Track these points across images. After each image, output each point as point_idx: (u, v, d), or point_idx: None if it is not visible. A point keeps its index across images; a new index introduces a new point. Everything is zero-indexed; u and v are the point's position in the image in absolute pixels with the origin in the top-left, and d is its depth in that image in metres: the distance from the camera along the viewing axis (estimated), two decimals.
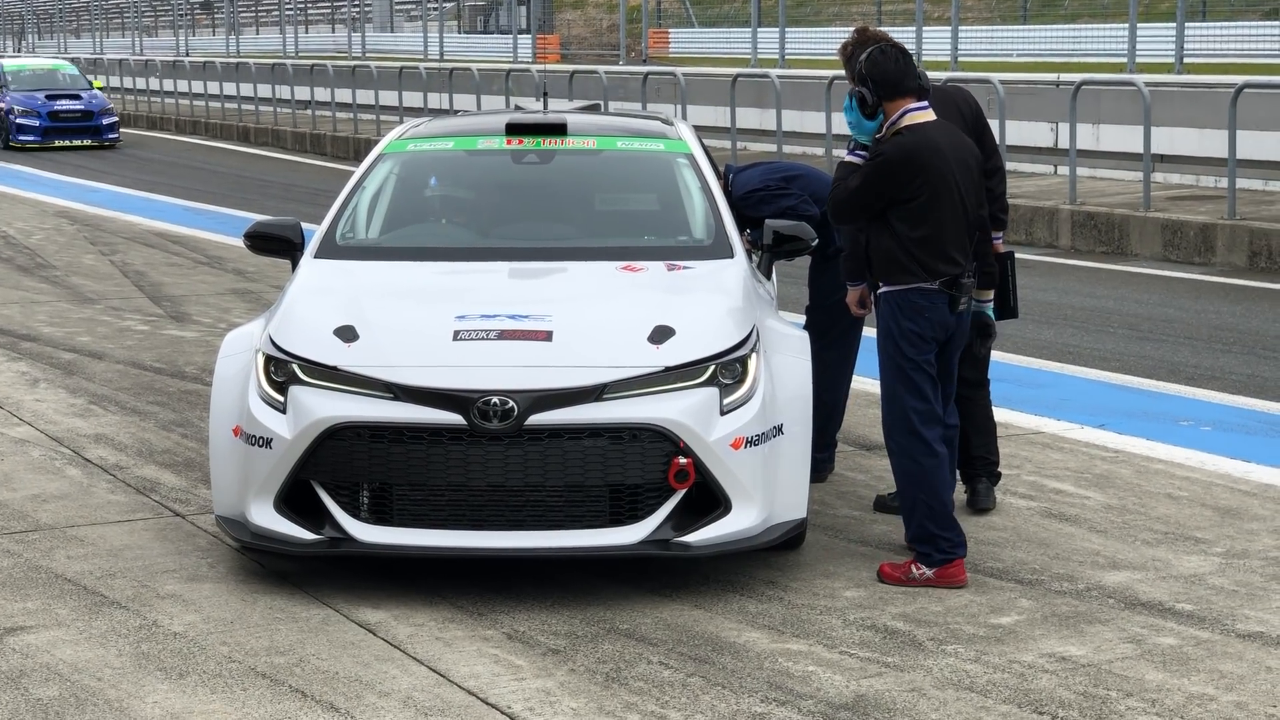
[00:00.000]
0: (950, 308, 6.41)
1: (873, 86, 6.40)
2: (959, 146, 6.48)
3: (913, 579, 6.40)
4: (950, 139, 6.47)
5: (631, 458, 6.16)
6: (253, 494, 6.36)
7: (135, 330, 12.05)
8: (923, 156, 6.34)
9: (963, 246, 6.44)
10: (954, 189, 6.38)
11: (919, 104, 6.43)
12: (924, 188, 6.33)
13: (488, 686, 5.43)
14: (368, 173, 7.78)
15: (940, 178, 6.35)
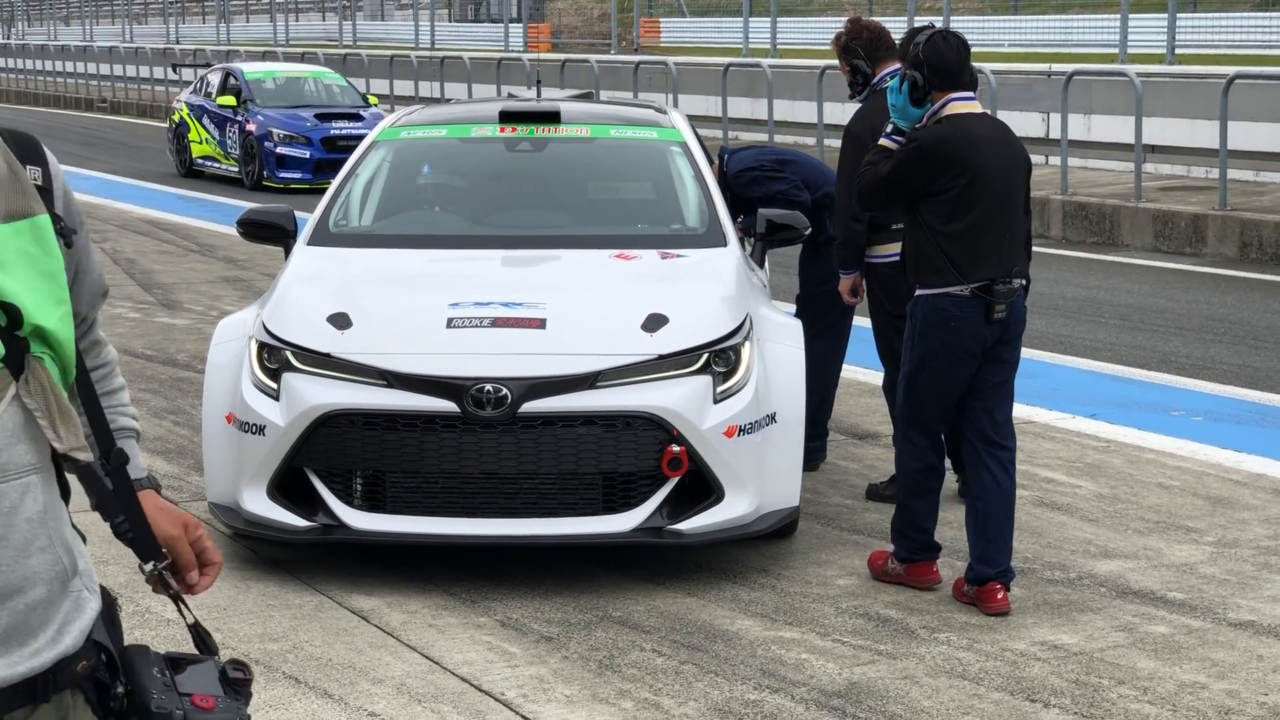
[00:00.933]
0: (985, 316, 5.97)
1: (928, 72, 6.03)
2: (1005, 145, 6.10)
3: (885, 573, 6.29)
4: (995, 135, 6.11)
5: (625, 445, 6.17)
6: (246, 481, 6.36)
7: (126, 318, 12.04)
8: (958, 148, 6.00)
9: (1001, 249, 6.00)
10: (993, 187, 6.01)
11: (965, 94, 6.09)
12: (956, 180, 5.99)
13: (481, 673, 5.44)
14: (361, 160, 7.77)
15: (976, 172, 5.99)
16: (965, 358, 6.02)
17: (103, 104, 40.03)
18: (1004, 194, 6.06)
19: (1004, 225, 6.06)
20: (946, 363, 6.03)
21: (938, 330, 6.02)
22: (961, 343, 6.00)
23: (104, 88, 41.59)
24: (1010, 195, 6.08)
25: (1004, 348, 6.07)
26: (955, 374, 6.05)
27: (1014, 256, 6.06)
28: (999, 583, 6.03)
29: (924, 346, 6.06)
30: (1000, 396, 6.12)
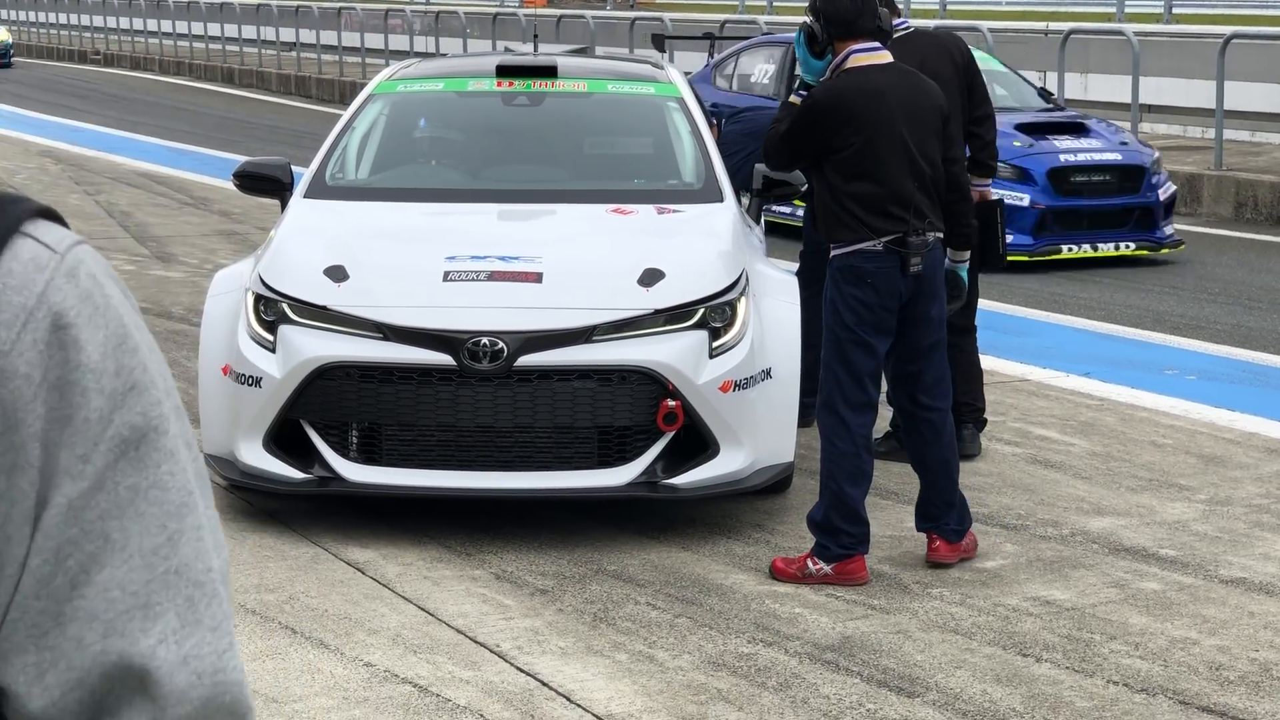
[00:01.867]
0: (901, 270, 5.80)
1: (824, 22, 5.84)
2: (912, 92, 5.88)
3: (809, 575, 5.84)
4: (900, 83, 5.88)
5: (620, 400, 6.18)
6: (242, 433, 6.37)
7: (121, 270, 12.02)
8: (854, 102, 5.78)
9: (908, 202, 5.79)
10: (898, 139, 5.81)
11: (868, 45, 5.87)
12: (855, 136, 5.78)
13: (476, 625, 5.46)
14: (357, 113, 7.76)
15: (876, 127, 5.78)
16: (885, 315, 5.83)
17: (96, 56, 39.88)
18: (913, 143, 5.84)
19: (913, 178, 5.84)
20: (869, 323, 5.83)
21: (852, 286, 5.82)
22: (878, 297, 5.80)
23: (97, 40, 41.42)
24: (924, 143, 5.86)
25: (927, 304, 5.89)
26: (879, 333, 5.86)
27: (927, 209, 5.86)
28: (936, 534, 6.00)
29: (844, 307, 5.84)
30: (932, 360, 5.97)
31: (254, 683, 4.99)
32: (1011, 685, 5.04)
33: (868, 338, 5.85)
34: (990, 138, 7.44)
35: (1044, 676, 5.10)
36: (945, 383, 6.06)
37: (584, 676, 5.07)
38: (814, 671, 5.12)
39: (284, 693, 4.94)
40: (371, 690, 4.96)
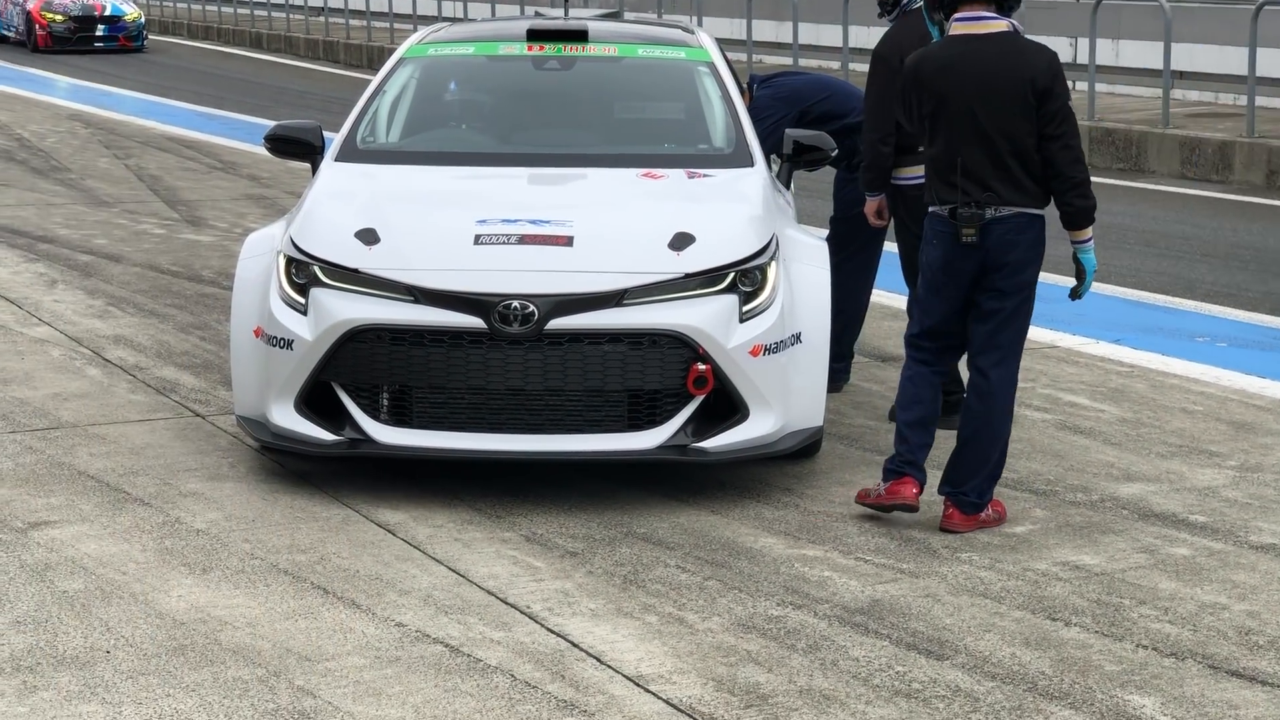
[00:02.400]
0: (955, 238, 5.93)
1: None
2: (994, 65, 5.91)
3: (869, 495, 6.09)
4: (983, 55, 5.92)
5: (651, 363, 6.20)
6: (273, 395, 6.40)
7: (152, 234, 12.07)
8: (924, 70, 5.98)
9: (966, 173, 5.91)
10: (963, 110, 5.92)
11: (970, 14, 5.94)
12: (927, 103, 5.99)
13: (507, 587, 5.49)
14: (388, 77, 7.76)
15: (942, 97, 5.94)
16: (943, 279, 6.00)
17: None
18: (979, 118, 5.91)
19: (980, 150, 5.92)
20: (928, 281, 6.07)
21: (926, 246, 6.13)
22: (940, 262, 6.00)
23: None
24: (993, 120, 5.90)
25: (993, 275, 5.97)
26: (935, 294, 6.03)
27: (984, 183, 5.92)
28: (949, 500, 6.02)
29: (922, 259, 6.19)
30: (989, 327, 6.02)
31: (286, 641, 5.03)
32: (1040, 649, 5.05)
33: (926, 294, 6.11)
34: None
35: (1073, 640, 5.12)
36: (995, 354, 6.04)
37: (614, 638, 5.09)
38: (843, 634, 5.14)
39: (316, 651, 4.97)
40: (403, 650, 4.99)
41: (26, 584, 5.47)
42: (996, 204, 5.94)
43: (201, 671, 4.83)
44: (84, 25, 30.80)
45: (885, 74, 7.22)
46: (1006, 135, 5.92)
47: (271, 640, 5.05)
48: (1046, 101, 5.92)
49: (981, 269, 5.99)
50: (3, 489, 6.41)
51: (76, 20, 30.77)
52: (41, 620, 5.18)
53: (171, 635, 5.08)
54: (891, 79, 7.18)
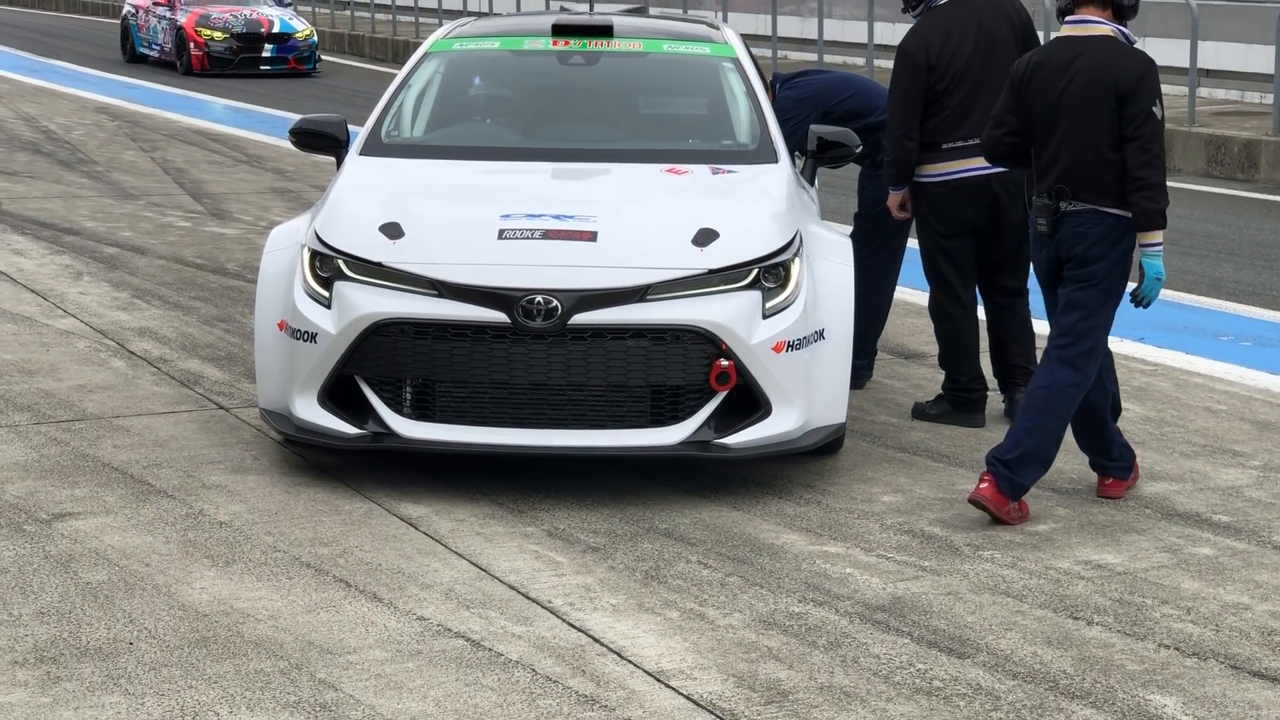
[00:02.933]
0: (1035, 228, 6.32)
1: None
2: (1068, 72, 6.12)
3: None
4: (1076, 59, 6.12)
5: (673, 359, 6.20)
6: (297, 388, 6.42)
7: (177, 226, 12.11)
8: (1023, 70, 6.23)
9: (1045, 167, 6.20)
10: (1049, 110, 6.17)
11: (1080, 17, 6.16)
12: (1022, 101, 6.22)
13: (528, 581, 5.50)
14: (413, 71, 7.78)
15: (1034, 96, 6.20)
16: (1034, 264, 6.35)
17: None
18: (1059, 117, 6.10)
19: (1055, 146, 6.11)
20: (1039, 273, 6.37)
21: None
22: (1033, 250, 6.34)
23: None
24: (1074, 119, 6.07)
25: (1065, 266, 6.16)
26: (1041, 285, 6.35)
27: (1057, 177, 6.10)
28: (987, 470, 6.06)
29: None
30: (1062, 308, 6.19)
31: (308, 634, 5.05)
32: (1062, 648, 5.04)
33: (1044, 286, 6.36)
34: None
35: (1095, 639, 5.11)
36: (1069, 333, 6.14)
37: (635, 633, 5.10)
38: (864, 631, 5.14)
39: (338, 645, 4.99)
40: (424, 644, 5.00)
41: (50, 575, 5.50)
42: (1069, 198, 6.09)
43: (223, 664, 4.85)
44: (248, 45, 25.64)
45: (911, 69, 7.21)
46: (1089, 134, 6.07)
47: (293, 633, 5.07)
48: (1128, 104, 6.03)
49: (1056, 261, 6.17)
50: (28, 480, 6.44)
51: (240, 39, 25.57)
52: (65, 611, 5.20)
53: (194, 627, 5.10)
54: (917, 74, 7.19)
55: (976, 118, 7.20)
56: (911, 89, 7.21)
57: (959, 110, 7.21)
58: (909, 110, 7.20)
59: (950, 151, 7.24)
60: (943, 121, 7.22)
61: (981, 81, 7.21)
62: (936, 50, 7.20)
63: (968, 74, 7.20)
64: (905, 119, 7.21)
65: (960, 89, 7.20)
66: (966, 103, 7.21)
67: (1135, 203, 6.07)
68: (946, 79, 7.20)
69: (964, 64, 7.20)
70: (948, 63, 7.19)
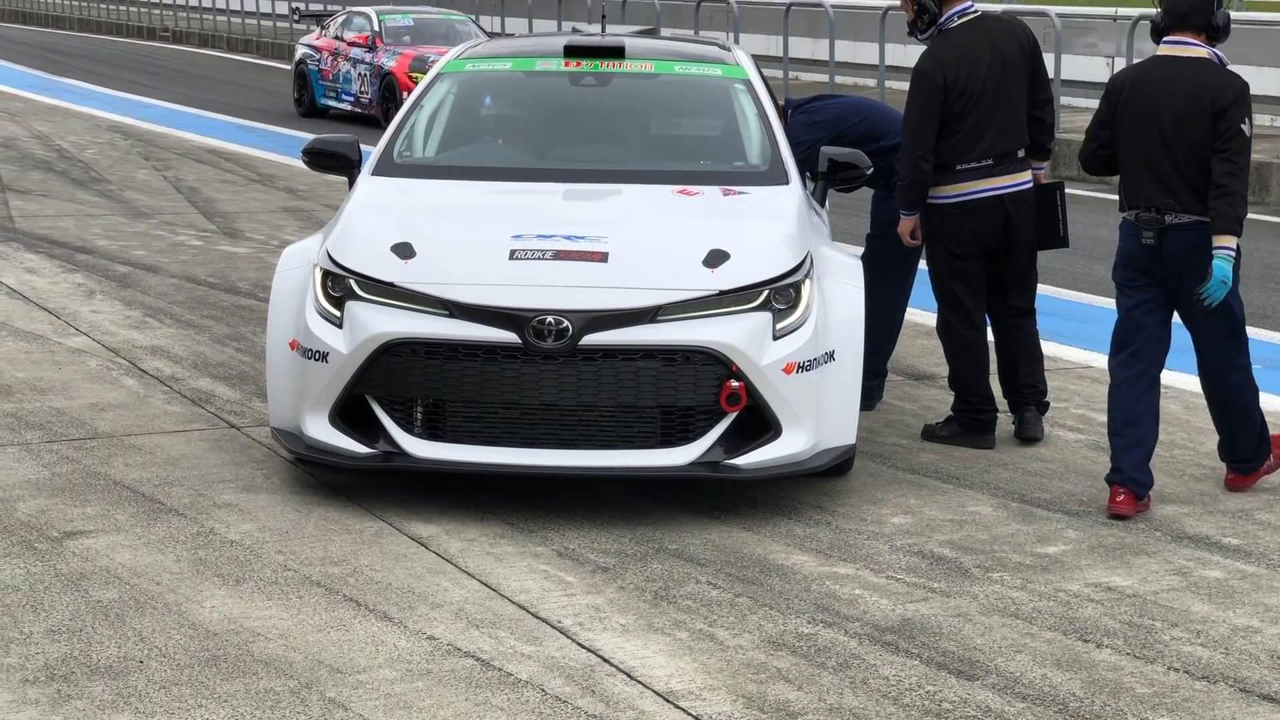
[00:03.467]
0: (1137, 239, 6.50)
1: (1161, 11, 6.56)
2: (1182, 85, 6.41)
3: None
4: (1172, 78, 6.42)
5: (684, 380, 6.21)
6: (308, 407, 6.44)
7: (189, 245, 12.14)
8: (1116, 87, 6.58)
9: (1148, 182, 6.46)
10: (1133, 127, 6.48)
11: (1178, 39, 6.47)
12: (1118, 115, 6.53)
13: (538, 601, 5.51)
14: (425, 91, 7.81)
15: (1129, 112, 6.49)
16: (1128, 274, 6.55)
17: (164, 33, 40.17)
18: (1160, 133, 6.40)
19: (1157, 161, 6.42)
20: (1119, 278, 6.62)
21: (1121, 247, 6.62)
22: (1126, 262, 6.56)
23: (165, 16, 41.72)
24: (1174, 136, 6.38)
25: (1176, 279, 6.46)
26: (1124, 289, 6.58)
27: (1168, 191, 6.41)
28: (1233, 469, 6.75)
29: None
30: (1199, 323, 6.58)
31: (318, 653, 5.06)
32: (1072, 670, 5.04)
33: (1121, 286, 6.60)
34: (1050, 122, 7.48)
35: (1104, 662, 5.11)
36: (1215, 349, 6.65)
37: (645, 654, 5.10)
38: (874, 653, 5.14)
39: (348, 664, 5.00)
40: (434, 663, 5.01)
41: (61, 593, 5.51)
42: (1175, 211, 6.39)
43: (234, 682, 4.86)
44: None
45: (928, 91, 7.23)
46: (1188, 149, 6.40)
47: (303, 652, 5.08)
48: (1220, 121, 6.36)
49: (1164, 273, 6.45)
50: (39, 498, 6.46)
51: None
52: (76, 629, 5.21)
53: (204, 646, 5.11)
54: (934, 95, 7.21)
55: (991, 138, 7.23)
56: (928, 110, 7.23)
57: (974, 131, 7.23)
58: (925, 132, 7.22)
59: (965, 172, 7.26)
60: (958, 143, 7.24)
61: (996, 102, 7.24)
62: (954, 71, 7.22)
63: (983, 95, 7.23)
64: (922, 140, 7.23)
65: (976, 110, 7.22)
66: (981, 124, 7.23)
67: (1214, 206, 6.33)
68: (963, 100, 7.22)
69: (980, 85, 7.22)
70: (964, 84, 7.22)
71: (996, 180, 7.29)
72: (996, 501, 6.63)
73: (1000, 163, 7.28)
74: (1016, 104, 7.31)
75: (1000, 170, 7.29)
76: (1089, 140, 6.66)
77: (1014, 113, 7.30)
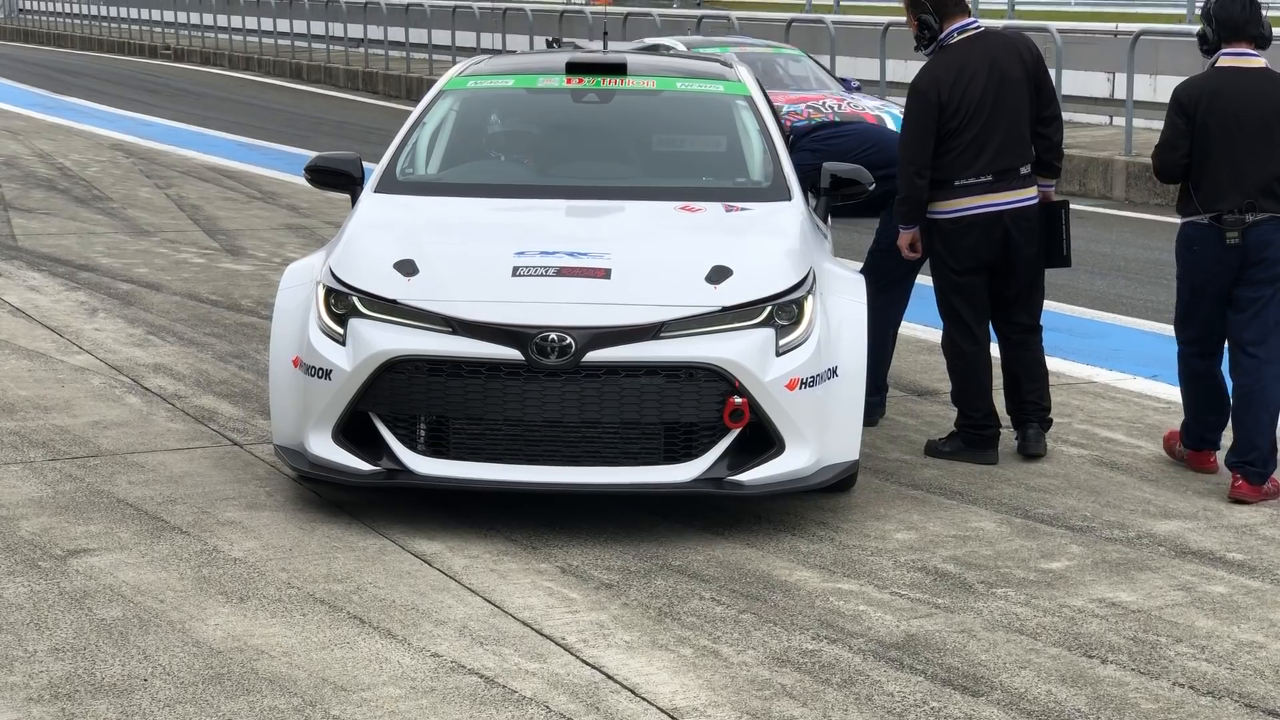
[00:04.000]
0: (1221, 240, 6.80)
1: (1215, 25, 6.90)
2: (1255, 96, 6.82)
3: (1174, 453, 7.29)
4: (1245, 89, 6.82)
5: (687, 396, 6.21)
6: (311, 424, 6.44)
7: (191, 263, 12.15)
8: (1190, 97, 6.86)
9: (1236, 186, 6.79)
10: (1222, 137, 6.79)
11: (1235, 50, 6.86)
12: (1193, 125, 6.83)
13: (542, 618, 5.50)
14: (428, 109, 7.82)
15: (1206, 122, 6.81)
16: (1205, 276, 6.90)
17: (166, 51, 40.24)
18: (1232, 138, 6.77)
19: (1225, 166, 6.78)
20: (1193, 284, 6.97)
21: (1185, 253, 6.97)
22: (1201, 262, 6.89)
23: (167, 35, 41.79)
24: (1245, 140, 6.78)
25: (1251, 270, 6.83)
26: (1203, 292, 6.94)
27: (1245, 193, 6.78)
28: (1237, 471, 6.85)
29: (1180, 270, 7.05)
30: (1249, 314, 6.86)
31: (322, 671, 5.05)
32: (1076, 686, 5.04)
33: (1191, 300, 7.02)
34: (1057, 139, 7.46)
35: (1109, 678, 5.10)
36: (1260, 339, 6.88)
37: (649, 670, 5.10)
38: (878, 669, 5.14)
39: (352, 681, 4.99)
40: (439, 680, 5.01)
41: (65, 611, 5.51)
42: (1254, 210, 6.78)
43: (238, 700, 4.86)
44: None
45: (923, 107, 7.24)
46: (1260, 152, 6.81)
47: (307, 670, 5.07)
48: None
49: (1241, 265, 6.82)
50: (42, 516, 6.46)
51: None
52: (80, 648, 5.21)
53: (208, 664, 5.10)
54: (929, 112, 7.22)
55: (990, 154, 7.23)
56: (923, 126, 7.24)
57: (972, 147, 7.23)
58: (920, 147, 7.23)
59: (963, 188, 7.27)
60: (956, 159, 7.25)
61: (993, 119, 7.24)
62: (948, 88, 7.23)
63: (980, 111, 7.23)
64: (917, 156, 7.24)
65: (973, 126, 7.23)
66: (979, 140, 7.23)
67: None
68: (959, 116, 7.23)
69: (976, 101, 7.23)
70: (959, 100, 7.22)
71: (996, 196, 7.29)
72: (1000, 517, 6.62)
73: (1000, 178, 7.29)
74: (1017, 120, 7.31)
75: (1000, 186, 7.29)
76: (1170, 151, 6.89)
77: (1014, 128, 7.30)
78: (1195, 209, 6.85)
